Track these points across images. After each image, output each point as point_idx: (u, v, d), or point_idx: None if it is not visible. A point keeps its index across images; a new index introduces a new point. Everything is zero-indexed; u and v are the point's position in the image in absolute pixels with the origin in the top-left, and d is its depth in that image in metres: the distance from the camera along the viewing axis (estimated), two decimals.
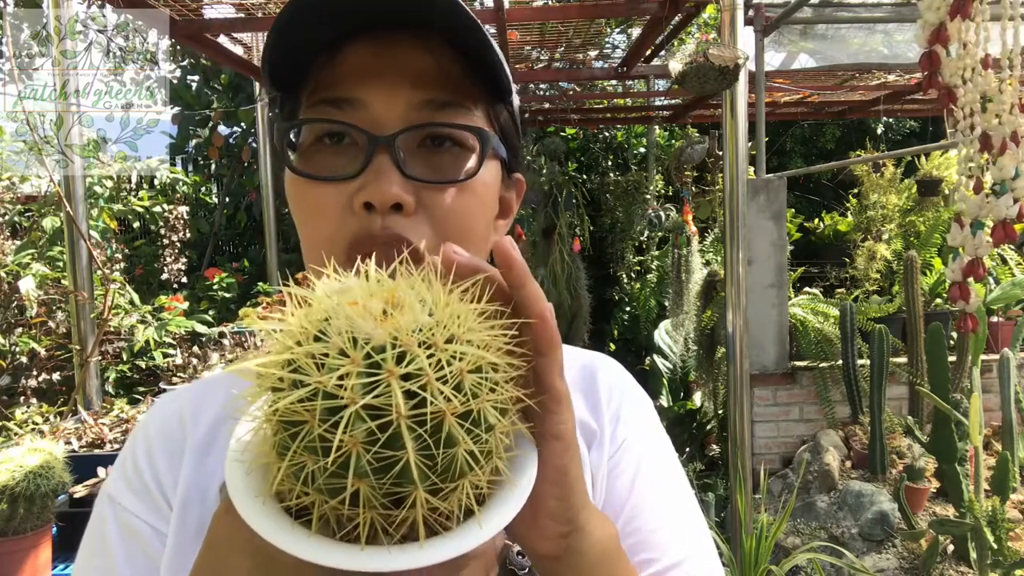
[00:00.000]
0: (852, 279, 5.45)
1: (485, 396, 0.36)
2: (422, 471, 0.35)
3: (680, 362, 5.75)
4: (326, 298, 0.37)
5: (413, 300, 0.37)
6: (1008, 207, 1.72)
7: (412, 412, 0.34)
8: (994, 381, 3.85)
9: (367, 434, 0.33)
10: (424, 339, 0.35)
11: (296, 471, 0.35)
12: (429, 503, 0.35)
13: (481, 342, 0.37)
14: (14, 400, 3.30)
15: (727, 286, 3.15)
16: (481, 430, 0.36)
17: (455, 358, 0.35)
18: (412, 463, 0.34)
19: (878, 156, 5.28)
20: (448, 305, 0.38)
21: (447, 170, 0.56)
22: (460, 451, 0.35)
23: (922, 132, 8.34)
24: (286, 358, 0.35)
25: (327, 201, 0.55)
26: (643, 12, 3.45)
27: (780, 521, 3.04)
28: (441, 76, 0.56)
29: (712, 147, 6.10)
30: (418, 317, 0.36)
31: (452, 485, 0.36)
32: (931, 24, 1.70)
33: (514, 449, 0.41)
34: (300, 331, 0.36)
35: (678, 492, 0.66)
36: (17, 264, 3.47)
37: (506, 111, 0.62)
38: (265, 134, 4.91)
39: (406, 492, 0.35)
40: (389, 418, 0.34)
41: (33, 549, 1.73)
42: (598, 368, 0.71)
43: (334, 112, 0.55)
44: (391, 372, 0.34)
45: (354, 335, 0.35)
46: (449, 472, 0.36)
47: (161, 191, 5.86)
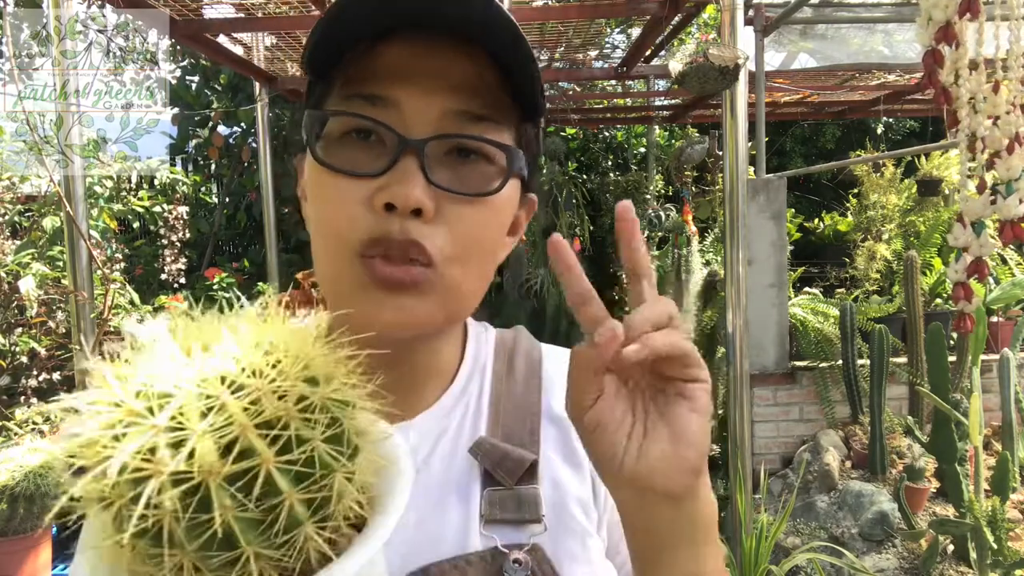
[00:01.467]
0: (852, 279, 5.45)
1: (316, 430, 0.34)
2: (248, 528, 0.33)
3: None
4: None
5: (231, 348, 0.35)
6: (1015, 207, 1.72)
7: (227, 470, 0.31)
8: (994, 381, 3.84)
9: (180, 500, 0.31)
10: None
11: (131, 553, 0.33)
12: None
13: (310, 372, 0.35)
14: (14, 400, 3.30)
15: (727, 286, 3.15)
16: (318, 467, 0.34)
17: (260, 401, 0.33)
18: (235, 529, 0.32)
19: (878, 156, 5.29)
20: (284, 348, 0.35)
21: (471, 182, 0.56)
22: (291, 500, 0.33)
23: (922, 132, 8.33)
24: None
25: (347, 195, 0.54)
26: (643, 12, 3.45)
27: (780, 521, 3.04)
28: (480, 87, 0.55)
29: (712, 147, 6.10)
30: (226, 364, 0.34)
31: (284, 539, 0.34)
32: (938, 22, 1.69)
33: (383, 453, 0.40)
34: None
35: None
36: (17, 264, 3.47)
37: (532, 130, 0.62)
38: (265, 134, 4.90)
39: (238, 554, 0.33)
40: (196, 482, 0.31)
41: (33, 549, 1.73)
42: (564, 416, 0.69)
43: (367, 108, 0.54)
44: (244, 425, 0.32)
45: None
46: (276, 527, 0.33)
47: (161, 191, 5.86)
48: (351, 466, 0.36)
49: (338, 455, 0.35)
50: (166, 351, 0.35)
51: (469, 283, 0.58)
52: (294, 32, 3.75)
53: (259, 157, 5.01)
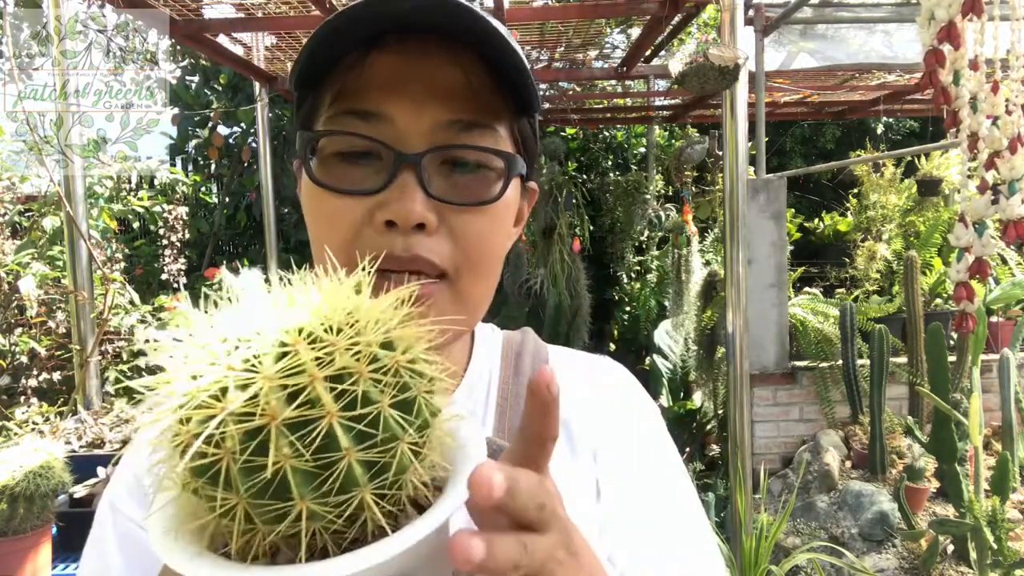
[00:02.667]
0: (852, 279, 5.45)
1: (385, 394, 0.34)
2: (303, 480, 0.32)
3: (680, 362, 5.74)
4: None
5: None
6: (1018, 206, 1.72)
7: (290, 416, 0.31)
8: (994, 381, 3.84)
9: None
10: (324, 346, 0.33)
11: (225, 514, 0.33)
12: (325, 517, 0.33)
13: (388, 339, 0.35)
14: (14, 400, 3.30)
15: (727, 286, 3.15)
16: (381, 430, 0.34)
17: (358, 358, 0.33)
18: (353, 461, 0.32)
19: (878, 156, 5.29)
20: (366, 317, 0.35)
21: (471, 191, 0.56)
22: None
23: (922, 132, 8.33)
24: (178, 403, 0.32)
25: (345, 213, 0.54)
26: (643, 12, 3.45)
27: (780, 521, 3.03)
28: (469, 93, 0.55)
29: (712, 147, 6.10)
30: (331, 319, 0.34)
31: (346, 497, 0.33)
32: (940, 21, 1.69)
33: (457, 439, 0.40)
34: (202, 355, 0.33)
35: (676, 522, 0.65)
36: (17, 264, 3.47)
37: (529, 123, 0.62)
38: (265, 134, 4.90)
39: (287, 506, 0.32)
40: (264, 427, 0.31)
41: (33, 549, 1.73)
42: (570, 420, 0.66)
43: (359, 125, 0.54)
44: (313, 376, 0.32)
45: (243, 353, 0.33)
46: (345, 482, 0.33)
47: (161, 191, 5.86)
48: (417, 437, 0.35)
49: (405, 423, 0.34)
50: (256, 301, 0.36)
51: (479, 290, 0.58)
52: (294, 32, 3.75)
53: (259, 157, 5.01)
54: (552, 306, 5.64)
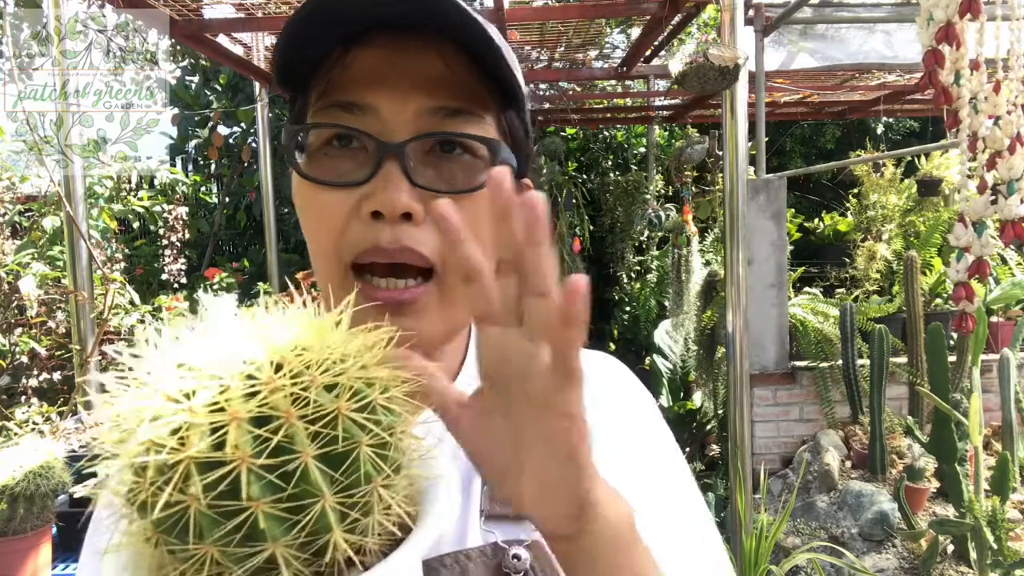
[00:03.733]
0: (852, 279, 5.45)
1: (365, 432, 0.33)
2: (276, 523, 0.31)
3: (680, 362, 5.74)
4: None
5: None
6: (1016, 207, 1.72)
7: (262, 459, 0.30)
8: (994, 381, 3.84)
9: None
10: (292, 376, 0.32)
11: (155, 545, 0.32)
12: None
13: (367, 375, 0.34)
14: (14, 400, 3.30)
15: (727, 286, 3.15)
16: (360, 471, 0.32)
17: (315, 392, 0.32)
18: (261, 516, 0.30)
19: (878, 156, 5.29)
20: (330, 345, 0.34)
21: (457, 178, 0.56)
22: (326, 502, 0.31)
23: (922, 132, 8.33)
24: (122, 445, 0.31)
25: (334, 206, 0.55)
26: (643, 12, 3.45)
27: (780, 521, 3.03)
28: (453, 82, 0.55)
29: (712, 147, 6.10)
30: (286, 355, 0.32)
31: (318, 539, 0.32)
32: (939, 22, 1.70)
33: (426, 491, 0.38)
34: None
35: (675, 512, 0.65)
36: (17, 264, 3.47)
37: (517, 117, 0.62)
38: (265, 134, 4.90)
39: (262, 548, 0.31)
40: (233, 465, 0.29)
41: (33, 549, 1.73)
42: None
43: (344, 116, 0.55)
44: (236, 414, 0.30)
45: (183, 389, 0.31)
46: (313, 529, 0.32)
47: (161, 191, 5.86)
48: (393, 478, 0.34)
49: (381, 463, 0.33)
50: (228, 328, 0.34)
51: None
52: None
53: (259, 157, 5.01)
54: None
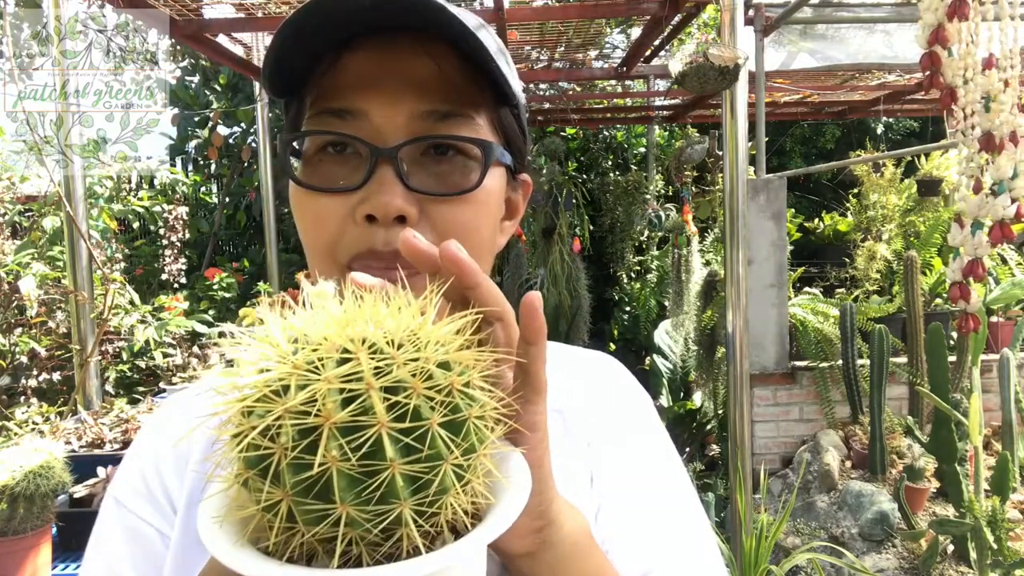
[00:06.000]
0: (852, 279, 5.45)
1: (436, 412, 0.35)
2: (347, 485, 0.33)
3: (680, 362, 5.75)
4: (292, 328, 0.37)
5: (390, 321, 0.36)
6: (1005, 207, 1.72)
7: (343, 420, 0.32)
8: (994, 381, 3.84)
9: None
10: (402, 358, 0.34)
11: (269, 508, 0.34)
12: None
13: (447, 359, 0.36)
14: (14, 400, 3.30)
15: (727, 286, 3.15)
16: (426, 447, 0.34)
17: (430, 371, 0.35)
18: (397, 475, 0.33)
19: (878, 156, 5.29)
20: (423, 326, 0.37)
21: (450, 180, 0.56)
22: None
23: (922, 132, 8.34)
24: (242, 394, 0.34)
25: (329, 212, 0.55)
26: (643, 12, 3.45)
27: (780, 521, 3.03)
28: (443, 84, 0.56)
29: (712, 147, 6.10)
30: (395, 332, 0.35)
31: (436, 501, 0.35)
32: (930, 25, 1.71)
33: (502, 471, 0.40)
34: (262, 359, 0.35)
35: (669, 507, 0.65)
36: (17, 264, 3.47)
37: (511, 115, 0.62)
38: (265, 134, 4.90)
39: (390, 509, 0.34)
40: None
41: (33, 549, 1.73)
42: (565, 410, 0.66)
43: (336, 123, 0.55)
44: (370, 384, 0.33)
45: (321, 356, 0.34)
46: (432, 488, 0.34)
47: (161, 191, 5.86)
48: (463, 460, 0.36)
49: (452, 444, 0.35)
50: (327, 310, 0.37)
51: None
52: None
53: (259, 157, 5.01)
54: (552, 306, 5.65)
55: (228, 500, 0.37)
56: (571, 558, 0.47)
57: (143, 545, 0.59)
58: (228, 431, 0.35)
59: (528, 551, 0.45)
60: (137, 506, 0.60)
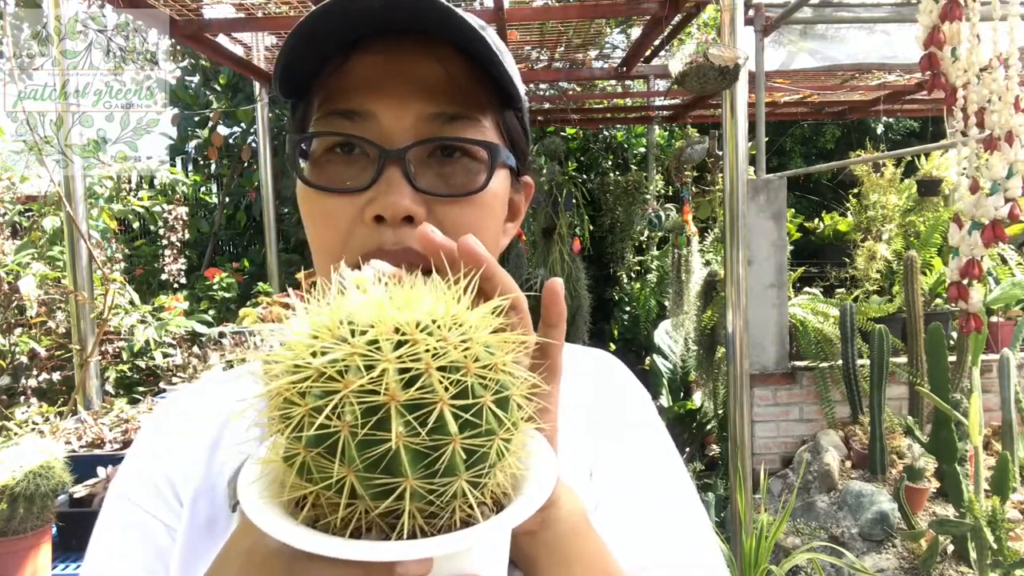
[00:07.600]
0: (852, 279, 5.45)
1: (488, 391, 0.36)
2: (413, 459, 0.34)
3: (680, 362, 5.75)
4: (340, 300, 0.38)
5: (425, 301, 0.38)
6: (998, 207, 1.73)
7: (407, 398, 0.34)
8: (994, 381, 3.84)
9: (356, 418, 0.34)
10: (435, 340, 0.36)
11: (297, 467, 0.35)
12: (420, 497, 0.35)
13: (488, 341, 0.38)
14: (14, 400, 3.30)
15: (727, 286, 3.15)
16: (483, 423, 0.36)
17: (461, 351, 0.36)
18: (402, 448, 0.34)
19: (878, 156, 5.29)
20: (456, 311, 0.38)
21: (457, 181, 0.57)
22: (455, 444, 0.35)
23: (922, 132, 8.33)
24: (292, 354, 0.36)
25: (338, 212, 0.56)
26: (643, 12, 3.45)
27: (780, 521, 3.03)
28: (450, 86, 0.56)
29: (712, 147, 6.10)
30: (431, 312, 0.37)
31: (444, 480, 0.36)
32: (926, 27, 1.72)
33: (533, 454, 0.42)
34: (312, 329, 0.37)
35: (668, 501, 0.65)
36: (17, 264, 3.47)
37: (515, 117, 0.63)
38: (265, 134, 4.91)
39: (395, 484, 0.35)
40: (380, 402, 0.34)
41: (33, 549, 1.73)
42: (564, 405, 0.68)
43: (345, 124, 0.56)
44: (429, 365, 0.35)
45: (355, 328, 0.36)
46: (441, 466, 0.35)
47: (161, 191, 5.86)
48: (509, 435, 0.38)
49: (502, 420, 0.37)
50: (369, 294, 0.39)
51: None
52: None
53: (259, 157, 5.01)
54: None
55: (273, 481, 0.39)
56: (570, 537, 0.48)
57: (148, 539, 0.59)
58: (280, 412, 0.35)
59: (529, 529, 0.46)
60: (142, 500, 0.61)
